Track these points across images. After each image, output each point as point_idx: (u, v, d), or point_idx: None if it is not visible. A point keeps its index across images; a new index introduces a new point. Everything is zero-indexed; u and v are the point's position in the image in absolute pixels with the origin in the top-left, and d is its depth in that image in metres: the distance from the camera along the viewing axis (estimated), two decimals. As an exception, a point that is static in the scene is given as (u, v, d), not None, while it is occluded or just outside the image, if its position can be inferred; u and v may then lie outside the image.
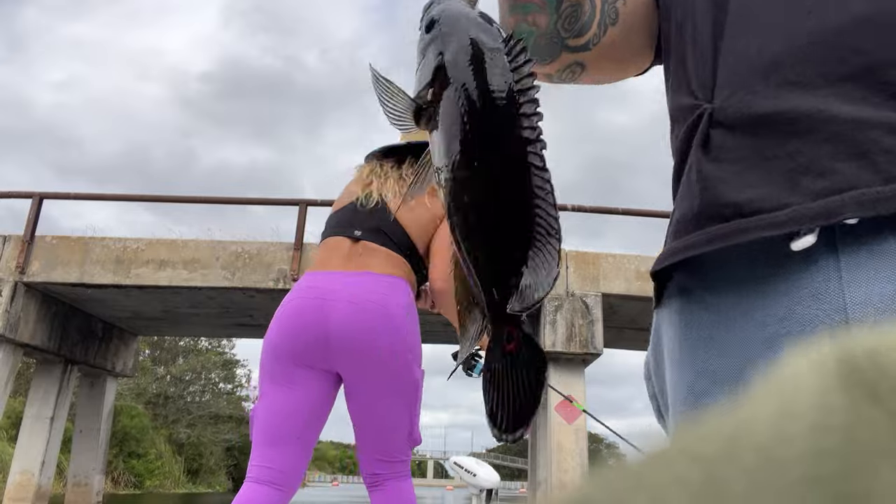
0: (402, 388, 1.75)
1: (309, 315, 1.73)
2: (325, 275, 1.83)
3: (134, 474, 19.62)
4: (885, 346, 0.14)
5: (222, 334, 10.16)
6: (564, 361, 6.88)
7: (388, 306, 1.74)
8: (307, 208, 7.29)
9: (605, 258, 7.09)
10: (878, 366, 0.14)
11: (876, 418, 0.13)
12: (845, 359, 0.14)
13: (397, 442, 1.78)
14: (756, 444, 0.13)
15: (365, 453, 1.80)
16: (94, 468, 8.86)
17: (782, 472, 0.13)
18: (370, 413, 1.76)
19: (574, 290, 6.93)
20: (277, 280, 7.10)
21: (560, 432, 6.52)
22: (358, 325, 1.71)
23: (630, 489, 0.14)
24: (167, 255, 7.18)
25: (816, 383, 0.14)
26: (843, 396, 0.13)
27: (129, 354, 9.52)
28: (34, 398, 8.07)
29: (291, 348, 1.74)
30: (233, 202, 7.69)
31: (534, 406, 0.52)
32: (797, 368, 0.15)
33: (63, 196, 7.44)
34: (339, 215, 1.95)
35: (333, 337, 1.71)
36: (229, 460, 25.78)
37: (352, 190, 2.00)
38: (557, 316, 6.80)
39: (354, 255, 1.84)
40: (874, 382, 0.13)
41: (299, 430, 1.75)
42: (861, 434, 0.13)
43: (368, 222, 1.89)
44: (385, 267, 1.82)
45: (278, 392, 1.75)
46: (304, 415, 1.75)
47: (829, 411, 0.13)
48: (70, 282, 7.11)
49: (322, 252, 1.92)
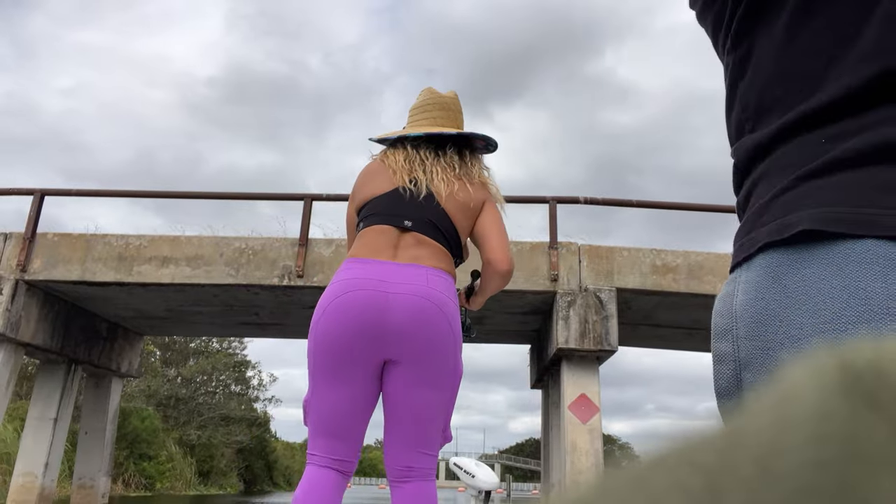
0: (448, 383, 1.80)
1: (373, 308, 1.72)
2: (380, 265, 1.79)
3: (145, 476, 19.57)
4: (885, 355, 0.14)
5: (228, 333, 10.01)
6: (577, 359, 6.65)
7: (444, 302, 1.77)
8: (312, 203, 7.11)
9: (619, 252, 6.86)
10: (879, 374, 0.14)
11: (876, 427, 0.13)
12: (846, 367, 0.14)
13: (433, 434, 1.79)
14: (755, 453, 0.13)
15: (400, 445, 1.79)
16: (100, 470, 8.73)
17: (781, 483, 0.13)
18: (416, 403, 1.77)
19: (587, 284, 6.70)
20: (282, 276, 6.93)
21: (574, 432, 6.30)
22: (420, 320, 1.73)
23: (630, 494, 0.14)
24: (170, 252, 7.03)
25: (817, 392, 0.14)
26: (843, 405, 0.13)
27: (134, 354, 9.39)
28: (37, 399, 7.95)
29: (349, 344, 1.73)
30: (237, 197, 7.52)
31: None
32: (797, 377, 0.15)
33: (64, 192, 7.31)
34: (385, 202, 1.90)
35: (395, 330, 1.73)
36: (240, 462, 25.74)
37: (384, 176, 1.96)
38: (570, 311, 6.57)
39: (405, 246, 1.83)
40: (875, 391, 0.14)
41: (355, 422, 1.78)
42: (861, 443, 0.13)
43: (417, 212, 1.87)
44: (435, 260, 1.83)
45: (333, 388, 1.76)
46: (356, 410, 1.78)
47: (829, 420, 0.13)
48: (71, 280, 6.98)
49: (368, 237, 1.87)
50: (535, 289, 6.74)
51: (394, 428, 1.79)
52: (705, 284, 6.68)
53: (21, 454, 7.75)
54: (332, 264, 6.94)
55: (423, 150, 2.00)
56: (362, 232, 1.89)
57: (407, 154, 1.99)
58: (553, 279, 6.71)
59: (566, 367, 6.66)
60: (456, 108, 2.12)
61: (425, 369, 1.75)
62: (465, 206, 1.93)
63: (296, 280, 6.90)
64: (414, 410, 1.76)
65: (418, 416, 1.77)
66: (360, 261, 1.81)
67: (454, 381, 1.81)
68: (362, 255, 1.83)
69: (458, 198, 1.92)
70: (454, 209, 1.91)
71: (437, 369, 1.76)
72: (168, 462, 20.48)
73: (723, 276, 6.69)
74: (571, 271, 6.78)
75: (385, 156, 2.04)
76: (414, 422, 1.77)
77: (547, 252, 6.83)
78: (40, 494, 7.56)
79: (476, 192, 1.95)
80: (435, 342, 1.74)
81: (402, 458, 1.77)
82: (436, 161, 1.97)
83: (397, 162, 1.97)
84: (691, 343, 8.65)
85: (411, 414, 1.77)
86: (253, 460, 26.81)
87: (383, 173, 1.97)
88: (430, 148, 2.00)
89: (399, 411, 1.77)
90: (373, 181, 1.98)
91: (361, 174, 2.05)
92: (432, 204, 1.89)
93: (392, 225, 1.86)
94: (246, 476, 26.29)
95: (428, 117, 2.07)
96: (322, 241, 7.05)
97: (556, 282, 6.71)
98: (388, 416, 1.80)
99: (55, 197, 7.27)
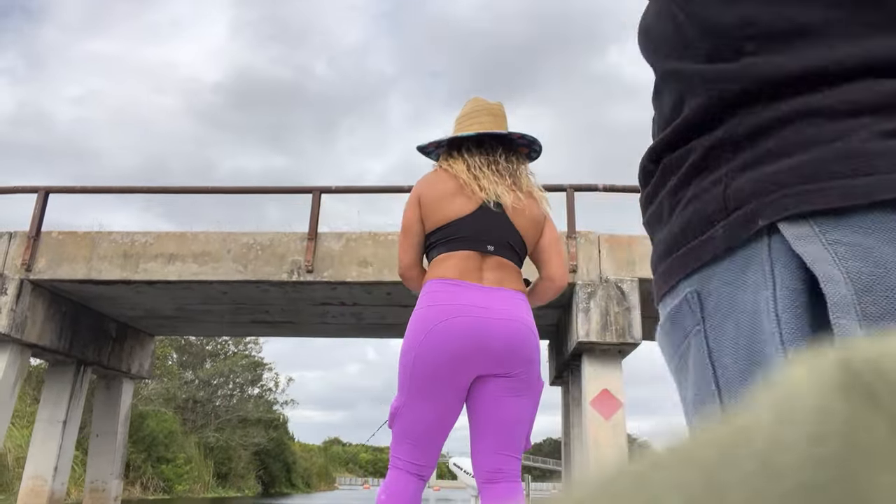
0: (536, 392, 1.97)
1: (476, 334, 1.87)
2: (472, 289, 1.93)
3: (163, 479, 19.54)
4: (885, 353, 0.14)
5: (239, 332, 9.85)
6: (599, 352, 6.37)
7: (529, 322, 1.95)
8: (321, 196, 6.89)
9: (640, 241, 6.56)
10: (879, 372, 0.14)
11: (876, 424, 0.13)
12: (846, 365, 0.14)
13: (521, 440, 1.95)
14: (755, 450, 0.13)
15: (492, 450, 1.93)
16: (112, 473, 8.57)
17: (781, 480, 0.13)
18: (510, 412, 1.93)
19: (608, 275, 6.42)
20: (291, 272, 6.72)
21: (597, 429, 6.02)
22: (517, 341, 1.90)
23: (630, 492, 0.14)
24: (176, 249, 6.85)
25: (816, 389, 0.14)
26: (842, 402, 0.14)
27: (145, 355, 9.24)
28: (46, 401, 7.81)
29: (453, 367, 1.87)
30: (244, 191, 7.33)
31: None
32: (797, 374, 0.15)
33: (68, 190, 7.16)
34: (467, 227, 2.00)
35: (496, 352, 1.88)
36: (258, 464, 25.70)
37: (458, 194, 2.02)
38: (591, 303, 6.29)
39: (488, 269, 1.97)
40: (874, 388, 0.14)
41: (440, 435, 1.95)
42: (860, 440, 0.13)
43: (496, 235, 2.00)
44: (514, 282, 1.98)
45: (429, 402, 1.90)
46: (445, 423, 1.94)
47: (828, 417, 0.13)
48: (77, 278, 6.82)
49: (454, 261, 1.98)
50: (554, 280, 6.46)
51: (486, 435, 1.93)
52: (732, 273, 6.37)
53: (30, 458, 7.61)
54: (341, 258, 6.72)
55: (477, 156, 2.07)
56: (447, 256, 1.98)
57: (466, 162, 2.06)
58: (572, 270, 6.43)
59: (587, 361, 6.37)
60: (503, 115, 2.20)
61: (520, 382, 1.93)
62: (533, 224, 2.06)
63: (305, 275, 6.69)
64: (507, 418, 1.93)
65: (511, 422, 1.93)
66: (452, 283, 1.93)
67: (539, 389, 1.99)
68: (451, 276, 1.94)
69: (527, 214, 2.04)
70: (524, 226, 2.04)
71: (529, 382, 1.94)
72: (186, 465, 20.45)
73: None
74: (591, 262, 6.49)
75: (448, 165, 2.09)
76: (506, 428, 1.93)
77: (565, 242, 6.56)
78: (50, 498, 7.41)
79: (539, 209, 2.09)
80: (529, 359, 1.92)
81: (493, 462, 1.92)
82: (490, 168, 2.05)
83: (463, 171, 2.04)
84: (717, 336, 8.32)
85: (505, 422, 1.92)
86: (271, 462, 26.77)
87: (455, 189, 2.03)
88: (482, 153, 2.08)
89: (493, 420, 1.93)
90: (449, 200, 2.02)
91: (429, 185, 2.07)
92: (506, 223, 2.01)
93: (477, 251, 1.97)
94: (264, 478, 26.25)
95: (476, 122, 2.13)
96: (331, 235, 6.83)
97: (576, 273, 6.43)
98: (480, 425, 1.94)
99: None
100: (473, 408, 1.95)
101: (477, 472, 1.94)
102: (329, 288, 6.88)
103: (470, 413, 1.97)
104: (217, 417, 23.61)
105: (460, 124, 2.16)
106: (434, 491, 39.75)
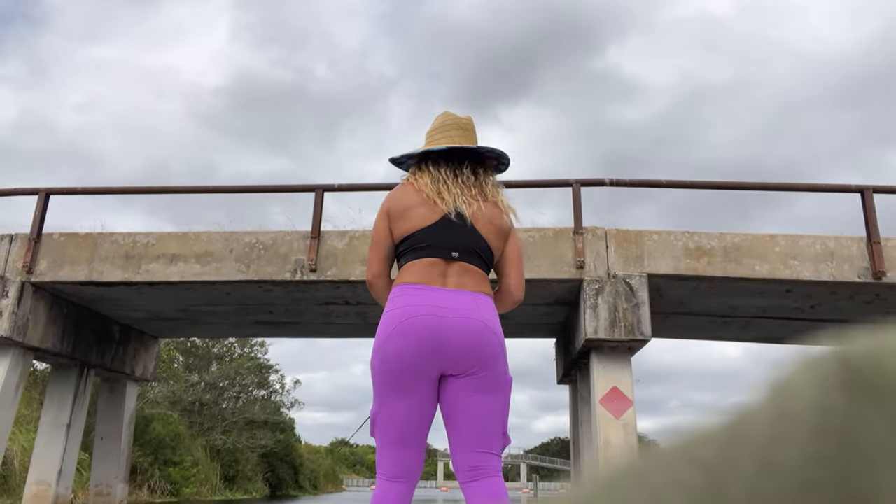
0: (501, 388, 2.03)
1: (436, 331, 1.96)
2: (434, 291, 2.03)
3: (170, 482, 19.49)
4: (884, 350, 0.14)
5: (244, 333, 9.78)
6: (608, 350, 6.26)
7: (490, 321, 2.03)
8: (324, 194, 6.80)
9: (648, 235, 6.44)
10: (879, 368, 0.14)
11: (877, 421, 0.13)
12: (846, 361, 0.14)
13: (494, 435, 2.00)
14: (755, 448, 0.13)
15: (466, 448, 1.99)
16: (116, 476, 8.51)
17: (782, 477, 0.13)
18: (476, 408, 1.99)
19: (616, 270, 6.30)
20: (295, 271, 6.63)
21: (607, 428, 5.91)
22: (475, 338, 1.98)
23: (631, 490, 0.14)
24: (178, 250, 6.77)
25: (816, 386, 0.14)
26: (843, 399, 0.14)
27: (149, 358, 9.17)
28: (49, 404, 7.74)
29: (417, 362, 1.96)
30: (246, 190, 7.24)
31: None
32: (797, 371, 0.15)
33: (69, 191, 7.09)
34: (431, 235, 2.10)
35: (455, 348, 1.97)
36: (266, 466, 25.65)
37: (422, 206, 2.12)
38: (598, 300, 6.18)
39: (452, 274, 2.07)
40: (875, 385, 0.14)
41: (419, 432, 2.01)
42: (862, 437, 0.13)
43: (461, 242, 2.09)
44: (477, 285, 2.08)
45: (401, 401, 1.98)
46: (422, 419, 2.00)
47: (829, 414, 0.13)
48: (78, 280, 6.75)
49: (418, 268, 2.08)
50: (560, 277, 6.35)
51: (458, 433, 2.00)
52: (743, 267, 6.25)
53: (34, 462, 7.55)
54: (345, 257, 6.63)
55: (444, 168, 2.18)
56: (412, 263, 2.08)
57: (431, 175, 2.16)
58: (579, 266, 6.32)
59: (596, 359, 6.26)
60: (472, 128, 2.29)
61: (482, 378, 1.99)
62: (498, 232, 2.15)
63: (309, 274, 6.60)
64: (474, 414, 1.99)
65: (479, 418, 1.99)
66: (414, 287, 2.03)
67: (506, 386, 2.05)
68: (415, 281, 2.04)
69: (493, 223, 2.14)
70: (489, 234, 2.13)
71: (492, 377, 2.01)
72: (193, 467, 20.40)
73: (761, 257, 6.26)
74: (598, 257, 6.38)
75: (415, 178, 2.19)
76: (475, 425, 1.98)
77: (571, 238, 6.45)
78: (54, 503, 7.34)
79: (503, 219, 2.17)
80: (489, 354, 1.99)
81: (468, 460, 1.98)
82: (455, 181, 2.15)
83: (426, 185, 2.14)
84: (727, 332, 8.20)
85: (472, 418, 1.98)
86: (278, 464, 26.72)
87: (420, 201, 2.13)
88: (449, 167, 2.18)
89: (461, 417, 1.99)
90: (414, 211, 2.12)
91: (396, 200, 2.17)
92: (471, 230, 2.10)
93: (441, 258, 2.07)
94: (272, 480, 26.20)
95: (446, 136, 2.23)
96: (335, 234, 6.74)
97: (583, 269, 6.32)
98: (451, 423, 2.02)
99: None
100: (444, 407, 2.04)
101: (457, 473, 2.01)
102: (333, 287, 6.79)
103: (442, 414, 2.05)
104: (224, 420, 23.56)
105: (431, 138, 2.27)
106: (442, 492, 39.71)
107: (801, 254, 6.26)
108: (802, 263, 6.24)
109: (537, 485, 44.29)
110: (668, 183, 6.72)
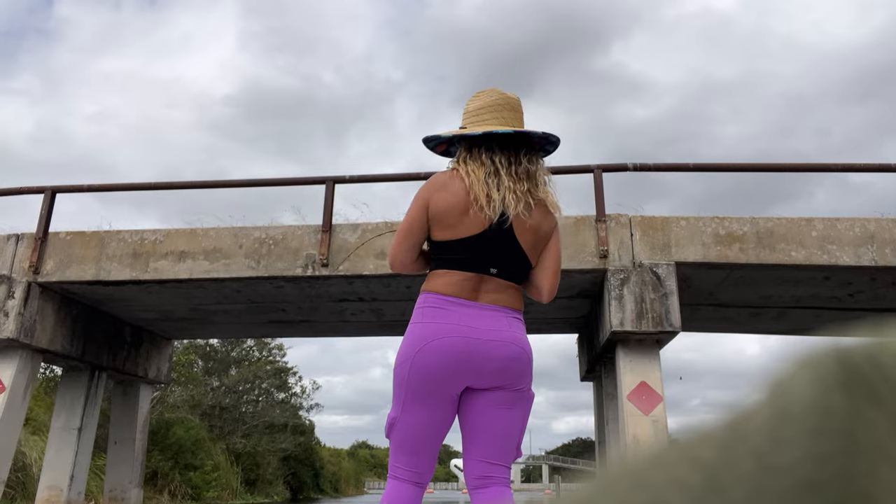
0: (525, 405, 2.04)
1: (467, 353, 1.93)
2: (467, 308, 1.97)
3: (191, 486, 19.43)
4: (884, 348, 0.14)
5: (257, 333, 9.59)
6: (635, 343, 5.94)
7: (521, 340, 2.00)
8: (335, 186, 6.56)
9: (675, 222, 6.12)
10: (878, 367, 0.14)
11: (876, 420, 0.13)
12: (845, 360, 0.14)
13: (510, 449, 2.03)
14: (755, 448, 0.13)
15: (481, 459, 2.01)
16: (131, 481, 8.33)
17: (782, 477, 0.13)
18: (499, 423, 2.00)
19: (642, 259, 5.98)
20: (306, 266, 6.40)
21: (636, 425, 5.59)
22: (508, 361, 1.96)
23: (631, 491, 0.14)
24: (186, 246, 6.57)
25: (816, 385, 0.14)
26: (842, 398, 0.13)
27: (162, 360, 9.00)
28: (61, 408, 7.58)
29: (443, 379, 1.95)
30: (256, 184, 7.03)
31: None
32: (796, 370, 0.15)
33: (76, 189, 6.92)
34: (473, 247, 1.98)
35: (487, 370, 1.95)
36: (286, 470, 25.56)
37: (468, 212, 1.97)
38: (624, 290, 5.86)
39: (487, 290, 1.99)
40: (874, 384, 0.13)
41: (435, 441, 2.04)
42: (861, 436, 0.13)
43: (499, 257, 1.99)
44: (511, 301, 2.01)
45: (423, 411, 1.98)
46: (440, 430, 2.02)
47: (829, 414, 0.13)
48: (86, 280, 6.57)
49: (454, 278, 1.99)
50: (583, 267, 6.05)
51: (475, 444, 2.01)
52: (778, 254, 5.89)
53: (45, 467, 7.39)
54: (357, 251, 6.38)
55: (498, 156, 1.99)
56: (448, 273, 1.99)
57: (484, 166, 1.98)
58: (602, 255, 6.02)
59: (622, 352, 5.95)
60: (521, 110, 2.10)
61: (508, 395, 2.00)
62: (541, 239, 2.04)
63: (320, 269, 6.36)
64: (497, 430, 2.00)
65: (500, 433, 2.00)
66: (447, 300, 1.97)
67: (529, 403, 2.06)
68: (449, 293, 1.97)
69: (538, 231, 2.02)
70: (530, 243, 2.02)
71: (518, 394, 2.01)
72: (214, 471, 20.32)
73: (797, 242, 5.90)
74: (623, 246, 6.07)
75: (465, 167, 2.00)
76: (495, 438, 2.00)
77: (594, 226, 6.14)
78: (67, 508, 7.18)
79: (548, 222, 2.05)
80: (518, 373, 1.98)
81: (481, 470, 2.00)
82: (508, 171, 1.99)
83: (477, 182, 1.96)
84: (758, 324, 7.83)
85: (494, 433, 1.99)
86: (299, 468, 26.63)
87: (465, 204, 1.96)
88: (504, 154, 2.00)
89: (483, 430, 2.00)
90: (456, 217, 1.97)
91: (438, 195, 1.99)
92: (512, 244, 1.99)
93: (478, 272, 1.98)
94: (292, 483, 26.12)
95: (498, 117, 2.02)
96: (347, 227, 6.50)
97: (606, 258, 6.01)
98: (471, 434, 2.01)
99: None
100: (464, 418, 2.03)
101: (467, 478, 2.04)
102: (346, 283, 6.55)
103: (461, 423, 2.04)
104: (244, 424, 23.50)
105: (478, 117, 2.03)
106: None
107: (840, 238, 5.90)
108: (841, 248, 5.87)
109: (559, 486, 43.87)
110: (696, 166, 6.39)
